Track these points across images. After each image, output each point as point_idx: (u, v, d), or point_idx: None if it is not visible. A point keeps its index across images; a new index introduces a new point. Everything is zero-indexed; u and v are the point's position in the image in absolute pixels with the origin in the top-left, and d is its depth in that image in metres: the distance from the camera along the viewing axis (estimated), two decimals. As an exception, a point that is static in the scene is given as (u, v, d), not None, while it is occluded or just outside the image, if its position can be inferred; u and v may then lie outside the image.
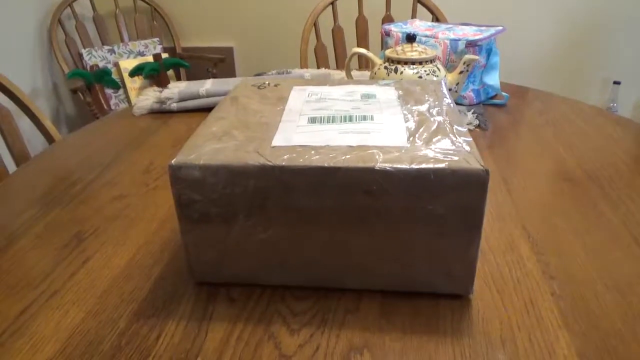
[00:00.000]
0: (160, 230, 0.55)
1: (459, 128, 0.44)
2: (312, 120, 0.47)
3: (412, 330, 0.39)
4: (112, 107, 2.04)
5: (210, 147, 0.42)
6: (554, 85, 2.20)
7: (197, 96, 0.97)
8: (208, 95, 0.97)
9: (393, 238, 0.40)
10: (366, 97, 0.53)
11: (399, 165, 0.38)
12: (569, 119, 0.88)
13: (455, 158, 0.38)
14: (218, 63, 2.08)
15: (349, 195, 0.39)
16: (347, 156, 0.39)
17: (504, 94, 0.96)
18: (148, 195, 0.64)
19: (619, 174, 0.66)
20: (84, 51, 2.03)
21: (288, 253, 0.42)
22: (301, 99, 0.53)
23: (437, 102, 0.51)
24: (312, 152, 0.40)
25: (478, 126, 0.84)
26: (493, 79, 0.94)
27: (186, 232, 0.42)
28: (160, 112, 0.98)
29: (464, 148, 0.40)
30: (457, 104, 0.93)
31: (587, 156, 0.72)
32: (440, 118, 0.47)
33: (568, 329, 0.39)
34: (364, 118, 0.47)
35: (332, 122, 0.46)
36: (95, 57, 2.05)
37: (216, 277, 0.45)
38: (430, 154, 0.39)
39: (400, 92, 0.55)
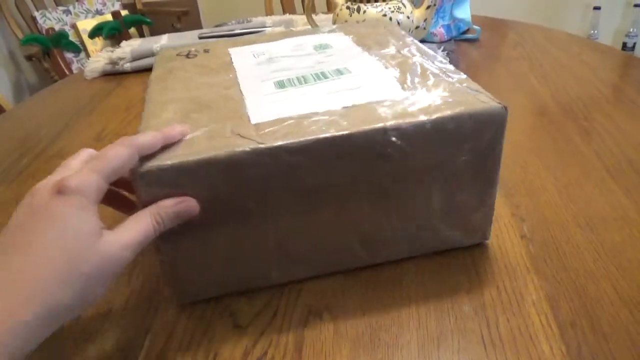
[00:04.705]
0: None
1: (445, 66, 0.40)
2: (280, 84, 0.40)
3: (375, 290, 0.37)
4: (75, 72, 1.94)
5: None
6: (534, 14, 2.13)
7: (152, 54, 0.90)
8: (163, 52, 0.91)
9: (408, 202, 0.35)
10: (320, 48, 0.47)
11: (412, 119, 0.32)
12: (545, 49, 0.84)
13: (466, 99, 0.34)
14: (182, 16, 1.97)
15: (360, 164, 0.33)
16: (349, 120, 0.33)
17: (476, 27, 0.91)
18: (99, 165, 0.59)
19: (595, 104, 0.63)
20: (37, 14, 1.91)
21: (294, 245, 0.36)
22: (249, 62, 0.46)
23: (401, 42, 0.46)
24: (305, 122, 0.33)
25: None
26: (464, 13, 0.88)
27: (166, 252, 0.34)
28: (115, 74, 0.92)
29: (466, 87, 0.36)
30: (426, 41, 0.88)
31: (563, 88, 0.69)
32: (418, 58, 0.42)
33: (537, 273, 0.37)
34: (340, 72, 0.41)
35: (305, 82, 0.39)
36: (51, 19, 1.93)
37: (207, 293, 0.37)
38: (438, 100, 0.34)
39: (352, 36, 0.49)
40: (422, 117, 0.33)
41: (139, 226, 0.29)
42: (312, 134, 0.32)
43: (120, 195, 0.35)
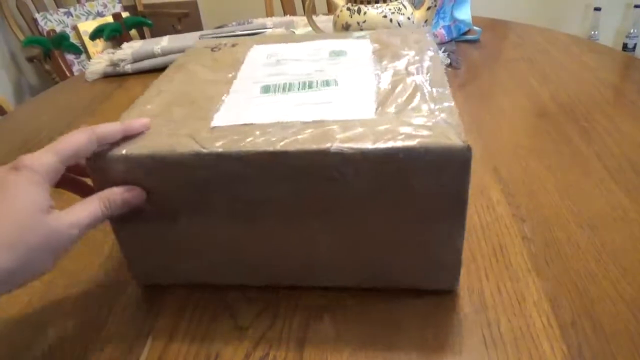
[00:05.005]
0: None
1: (441, 90, 0.36)
2: (266, 89, 0.39)
3: (375, 292, 0.37)
4: (75, 74, 1.94)
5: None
6: (534, 15, 2.13)
7: (153, 55, 0.90)
8: (164, 54, 0.91)
9: (360, 230, 0.34)
10: (335, 54, 0.45)
11: (359, 145, 0.30)
12: (545, 50, 0.84)
13: (430, 132, 0.31)
14: (182, 18, 1.97)
15: (306, 183, 0.32)
16: (299, 136, 0.32)
17: (476, 28, 0.91)
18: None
19: (596, 105, 0.63)
20: (38, 16, 1.91)
21: (243, 251, 0.36)
22: (258, 62, 0.45)
23: (418, 57, 0.42)
24: (257, 132, 0.33)
25: (450, 65, 0.80)
26: (464, 14, 0.88)
27: (120, 233, 0.36)
28: (116, 75, 0.92)
29: (442, 118, 0.33)
30: (427, 43, 0.88)
31: (563, 89, 0.69)
32: (419, 77, 0.38)
33: (538, 273, 0.37)
34: (327, 83, 0.39)
35: (289, 90, 0.39)
36: (52, 21, 1.93)
37: (163, 280, 0.39)
38: (402, 128, 0.32)
39: (376, 45, 0.47)
40: (369, 145, 0.31)
41: (88, 208, 0.31)
42: (253, 146, 0.31)
43: (80, 181, 0.36)
